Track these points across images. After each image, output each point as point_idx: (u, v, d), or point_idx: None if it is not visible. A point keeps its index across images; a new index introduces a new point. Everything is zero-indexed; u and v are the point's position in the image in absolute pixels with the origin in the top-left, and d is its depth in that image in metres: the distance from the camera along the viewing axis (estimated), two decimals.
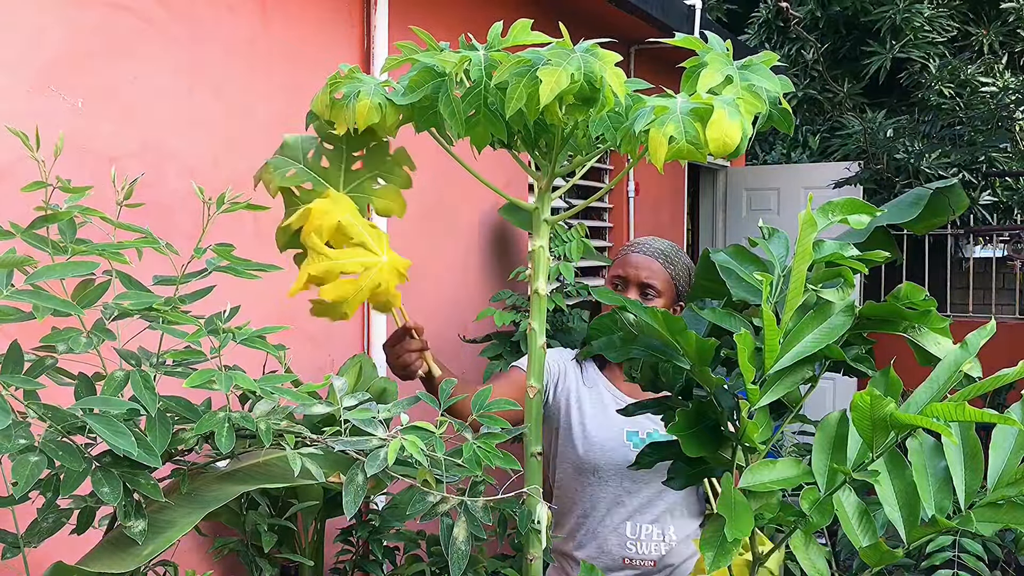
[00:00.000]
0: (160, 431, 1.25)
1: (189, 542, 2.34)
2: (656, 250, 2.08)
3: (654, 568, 2.00)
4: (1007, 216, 7.26)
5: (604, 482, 2.02)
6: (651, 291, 2.03)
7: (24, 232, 1.27)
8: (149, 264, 1.38)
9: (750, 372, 1.24)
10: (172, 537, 1.30)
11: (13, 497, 1.18)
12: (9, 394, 1.16)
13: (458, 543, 1.34)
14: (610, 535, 2.01)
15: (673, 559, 2.01)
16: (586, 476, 2.03)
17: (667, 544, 2.00)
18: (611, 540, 2.01)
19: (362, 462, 1.31)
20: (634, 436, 2.01)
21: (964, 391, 1.20)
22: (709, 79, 1.30)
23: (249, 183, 1.61)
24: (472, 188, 3.30)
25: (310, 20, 2.83)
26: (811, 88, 7.73)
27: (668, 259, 2.07)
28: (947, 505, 1.27)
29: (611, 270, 2.12)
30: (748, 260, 1.46)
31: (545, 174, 1.53)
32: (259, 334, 1.33)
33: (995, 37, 7.39)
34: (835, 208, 1.37)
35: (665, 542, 2.00)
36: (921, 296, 1.34)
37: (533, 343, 1.53)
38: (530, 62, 1.28)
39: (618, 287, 2.07)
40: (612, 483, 2.01)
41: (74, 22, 2.15)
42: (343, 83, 1.46)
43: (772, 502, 1.30)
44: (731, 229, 6.91)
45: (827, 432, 1.31)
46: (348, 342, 2.97)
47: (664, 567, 2.00)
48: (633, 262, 2.06)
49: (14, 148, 1.93)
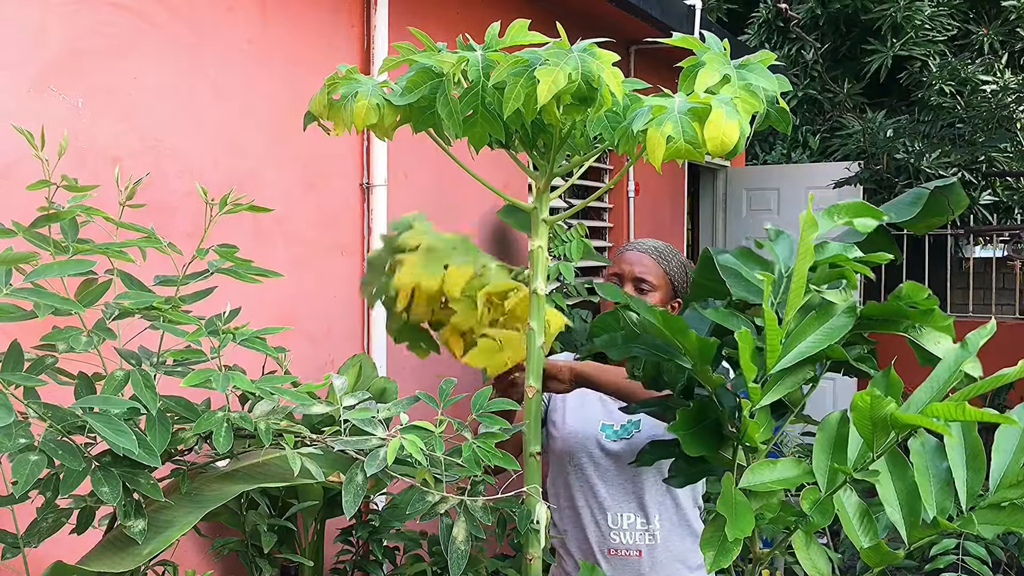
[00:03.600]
0: (160, 431, 1.25)
1: (189, 542, 2.34)
2: (649, 247, 2.12)
3: (640, 558, 2.02)
4: (1007, 216, 7.26)
5: (580, 471, 2.07)
6: (645, 285, 2.06)
7: (26, 231, 1.27)
8: (150, 264, 1.38)
9: (752, 371, 1.24)
10: (172, 537, 1.30)
11: (13, 496, 1.18)
12: (9, 393, 1.16)
13: (458, 543, 1.34)
14: (590, 525, 2.06)
15: (662, 550, 2.03)
16: (565, 467, 2.09)
17: (651, 534, 2.03)
18: (592, 530, 2.05)
19: (362, 462, 1.31)
20: (608, 428, 2.07)
21: (964, 391, 1.20)
22: (707, 78, 1.30)
23: (249, 183, 1.61)
24: (471, 189, 3.29)
25: (310, 20, 2.83)
26: (811, 88, 7.73)
27: (662, 255, 2.11)
28: (949, 506, 1.26)
29: (607, 271, 2.17)
30: (753, 261, 1.46)
31: (543, 174, 1.52)
32: (259, 335, 1.33)
33: (995, 36, 7.38)
34: (840, 211, 1.36)
35: (649, 532, 2.03)
36: (923, 295, 1.33)
37: (533, 343, 1.53)
38: (527, 62, 1.28)
39: (615, 283, 2.09)
40: (587, 472, 2.07)
41: (74, 22, 2.15)
42: (341, 84, 1.46)
43: (773, 502, 1.30)
44: (731, 229, 6.90)
45: (828, 432, 1.31)
46: (348, 342, 2.97)
47: (650, 558, 2.02)
48: (627, 259, 2.10)
49: (14, 148, 1.93)
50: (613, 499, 2.04)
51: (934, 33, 7.24)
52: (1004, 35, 7.41)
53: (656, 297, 2.06)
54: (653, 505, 2.03)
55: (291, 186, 2.75)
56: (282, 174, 2.72)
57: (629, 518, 2.03)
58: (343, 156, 2.97)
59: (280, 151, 2.68)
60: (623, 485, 2.04)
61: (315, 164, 2.84)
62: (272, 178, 2.67)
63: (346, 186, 2.98)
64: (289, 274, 2.14)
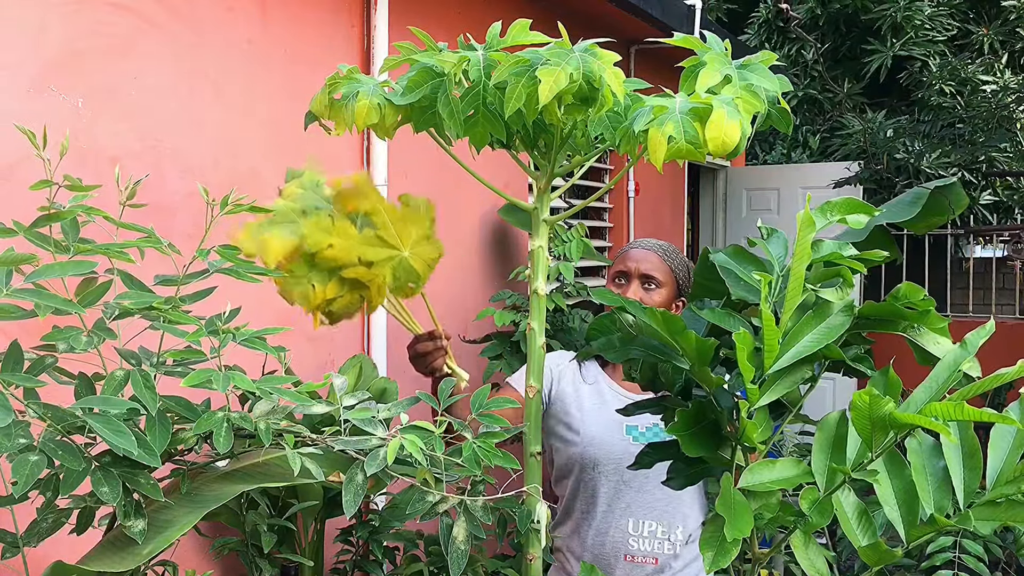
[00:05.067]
0: (160, 431, 1.25)
1: (189, 542, 2.34)
2: (655, 245, 2.13)
3: (656, 566, 1.99)
4: (1007, 216, 7.26)
5: (605, 476, 2.02)
6: (653, 282, 2.06)
7: (27, 230, 1.27)
8: (150, 265, 1.39)
9: (749, 371, 1.24)
10: (172, 537, 1.30)
11: (13, 496, 1.18)
12: (9, 393, 1.16)
13: (457, 543, 1.34)
14: (611, 530, 2.01)
15: (678, 559, 2.01)
16: (587, 472, 2.04)
17: (671, 543, 2.00)
18: (612, 535, 2.01)
19: (362, 462, 1.31)
20: (633, 430, 2.02)
21: (963, 390, 1.20)
22: (708, 78, 1.30)
23: (249, 183, 1.61)
24: (472, 188, 3.30)
25: (310, 20, 2.83)
26: (811, 88, 7.73)
27: (667, 253, 2.11)
28: (946, 504, 1.27)
29: (612, 269, 2.15)
30: (747, 260, 1.46)
31: (544, 174, 1.53)
32: (259, 335, 1.33)
33: (995, 36, 7.38)
34: (834, 208, 1.37)
35: (670, 540, 2.00)
36: (920, 296, 1.34)
37: (533, 343, 1.53)
38: (529, 62, 1.28)
39: (620, 283, 2.09)
40: (613, 477, 2.02)
41: (74, 22, 2.15)
42: (342, 83, 1.46)
43: (772, 502, 1.30)
44: (731, 229, 6.91)
45: (826, 432, 1.31)
46: (348, 342, 2.98)
47: (666, 566, 2.00)
48: (633, 256, 2.10)
49: (15, 149, 1.93)
50: (640, 505, 2.00)
51: (934, 33, 7.24)
52: (1004, 35, 7.42)
53: (663, 294, 2.06)
54: (677, 513, 2.01)
55: None
56: (282, 174, 2.71)
57: (651, 525, 2.00)
58: (343, 156, 2.97)
59: (280, 151, 2.69)
60: (651, 491, 2.00)
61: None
62: (272, 178, 2.67)
63: None
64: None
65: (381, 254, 1.48)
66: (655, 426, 2.01)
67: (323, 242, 1.43)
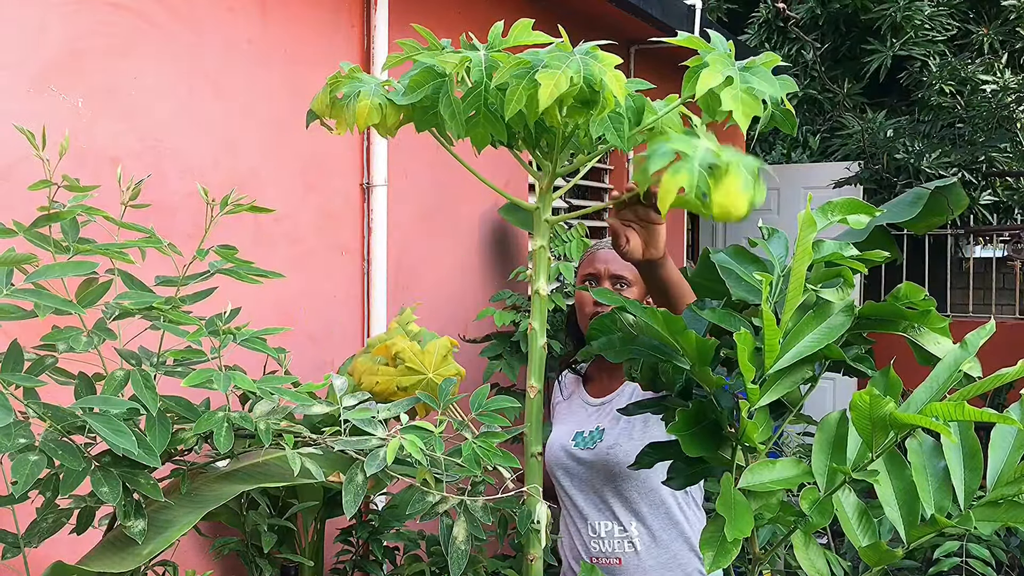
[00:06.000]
0: (160, 431, 1.25)
1: (189, 542, 2.34)
2: None
3: (620, 566, 2.01)
4: (1007, 216, 7.26)
5: (559, 482, 2.10)
6: (623, 281, 2.06)
7: (27, 231, 1.27)
8: (150, 265, 1.39)
9: (750, 372, 1.24)
10: (172, 537, 1.30)
11: (13, 496, 1.18)
12: (9, 393, 1.16)
13: (458, 543, 1.34)
14: (574, 533, 2.08)
15: (645, 556, 2.01)
16: (551, 480, 2.11)
17: (629, 541, 2.01)
18: (575, 537, 2.07)
19: (362, 462, 1.31)
20: (579, 436, 2.07)
21: (963, 390, 1.20)
22: (710, 79, 1.29)
23: (249, 183, 1.61)
24: (472, 188, 3.29)
25: (310, 20, 2.83)
26: (811, 88, 7.73)
27: None
28: (947, 505, 1.26)
29: (580, 271, 2.15)
30: (748, 260, 1.46)
31: (546, 174, 1.52)
32: (259, 335, 1.33)
33: (995, 36, 7.38)
34: (834, 208, 1.36)
35: (628, 539, 2.01)
36: (920, 296, 1.33)
37: (534, 343, 1.53)
38: (529, 64, 1.27)
39: (591, 284, 2.09)
40: (564, 482, 2.09)
41: (74, 22, 2.15)
42: (344, 83, 1.46)
43: (772, 502, 1.30)
44: (731, 229, 6.90)
45: (827, 432, 1.31)
46: (348, 342, 2.98)
47: (632, 565, 2.01)
48: (602, 257, 2.09)
49: (15, 149, 1.93)
50: (589, 507, 2.04)
51: (934, 33, 7.24)
52: (1004, 35, 7.41)
53: (634, 292, 2.06)
54: (628, 512, 2.02)
55: (291, 186, 2.75)
56: (282, 174, 2.72)
57: (606, 526, 2.03)
58: (343, 156, 2.97)
59: (280, 151, 2.69)
60: (597, 492, 2.04)
61: (315, 164, 2.84)
62: (272, 178, 2.68)
63: (346, 186, 2.99)
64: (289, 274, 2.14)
65: (413, 379, 1.82)
66: (597, 430, 2.04)
67: (371, 381, 1.84)
